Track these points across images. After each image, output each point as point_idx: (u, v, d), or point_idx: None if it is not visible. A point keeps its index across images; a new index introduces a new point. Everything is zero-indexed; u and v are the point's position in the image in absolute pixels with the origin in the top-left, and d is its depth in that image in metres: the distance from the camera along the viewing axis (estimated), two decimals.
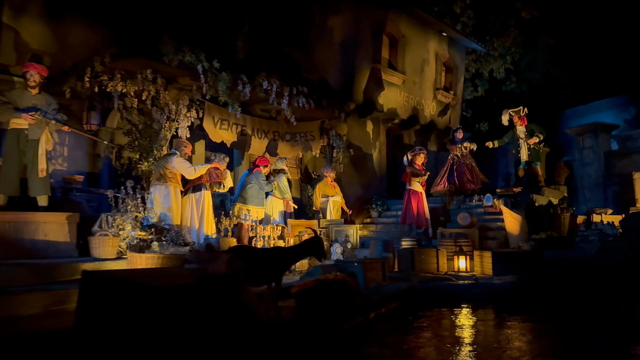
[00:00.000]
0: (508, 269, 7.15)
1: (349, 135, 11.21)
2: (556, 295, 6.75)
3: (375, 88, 11.48)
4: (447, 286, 6.83)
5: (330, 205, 9.41)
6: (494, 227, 9.32)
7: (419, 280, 7.10)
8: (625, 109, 14.51)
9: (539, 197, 10.00)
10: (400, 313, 5.87)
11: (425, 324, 5.41)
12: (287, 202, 8.88)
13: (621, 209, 10.87)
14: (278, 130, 9.77)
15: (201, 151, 10.12)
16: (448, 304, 6.47)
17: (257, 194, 8.22)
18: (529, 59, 17.11)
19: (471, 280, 6.96)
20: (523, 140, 11.11)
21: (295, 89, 9.06)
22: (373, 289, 6.10)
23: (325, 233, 8.72)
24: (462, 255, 7.48)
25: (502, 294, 6.66)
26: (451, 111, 14.11)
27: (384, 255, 7.57)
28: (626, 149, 11.68)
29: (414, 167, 9.48)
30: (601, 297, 6.62)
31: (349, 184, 11.35)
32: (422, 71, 12.88)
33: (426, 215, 9.32)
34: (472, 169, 11.11)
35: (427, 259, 7.67)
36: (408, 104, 12.52)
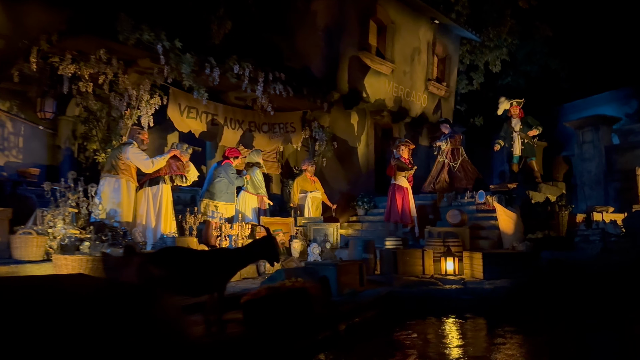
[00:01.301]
0: (501, 272, 6.44)
1: (333, 127, 10.49)
2: (555, 303, 6.03)
3: (361, 77, 10.74)
4: (433, 292, 6.10)
5: (308, 201, 8.68)
6: (487, 225, 8.61)
7: (402, 284, 6.38)
8: (627, 103, 13.82)
9: (536, 194, 9.29)
10: (376, 324, 5.15)
11: (404, 337, 4.69)
12: (262, 198, 8.14)
13: (623, 207, 10.17)
14: (254, 120, 9.03)
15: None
16: (433, 312, 5.75)
17: (226, 188, 7.48)
18: (526, 51, 16.39)
19: (459, 285, 6.24)
20: (517, 133, 10.40)
21: (272, 75, 8.34)
22: (347, 295, 5.37)
23: (302, 232, 7.99)
24: (450, 257, 6.76)
25: (494, 301, 5.93)
26: (444, 104, 13.39)
27: (364, 256, 6.85)
28: (628, 143, 10.98)
29: (399, 160, 8.76)
30: (607, 305, 5.90)
31: (334, 179, 10.62)
32: (413, 60, 12.15)
33: (412, 213, 8.60)
34: (464, 165, 10.41)
35: (411, 261, 6.95)
36: (397, 95, 11.78)
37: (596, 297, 6.32)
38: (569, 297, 6.21)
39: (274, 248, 3.68)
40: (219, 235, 6.59)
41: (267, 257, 3.70)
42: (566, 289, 6.35)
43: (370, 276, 6.78)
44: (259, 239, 3.86)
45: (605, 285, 6.66)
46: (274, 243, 3.71)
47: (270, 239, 3.71)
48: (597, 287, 6.58)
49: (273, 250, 3.68)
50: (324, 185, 10.19)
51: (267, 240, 3.68)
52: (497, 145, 10.52)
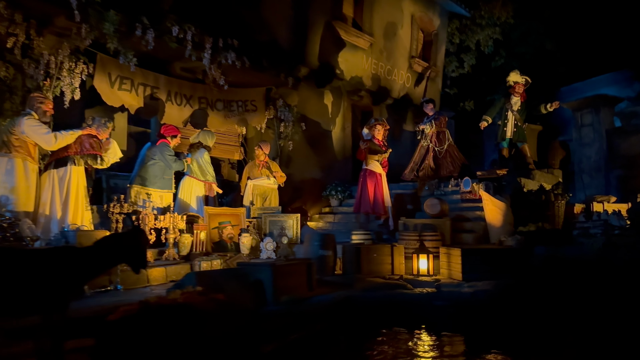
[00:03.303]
0: (484, 272, 5.32)
1: (303, 107, 9.32)
2: (551, 311, 4.90)
3: (334, 50, 9.56)
4: (398, 297, 4.98)
5: (249, 190, 7.52)
6: (472, 217, 7.49)
7: (364, 287, 5.26)
8: (629, 85, 12.67)
9: (529, 182, 8.16)
10: (319, 343, 4.02)
11: None
12: (210, 185, 6.99)
13: (626, 197, 9.05)
14: (206, 96, 7.85)
15: (123, 125, 8.18)
16: (398, 322, 4.64)
17: (161, 173, 6.33)
18: (521, 31, 15.21)
19: (432, 288, 5.12)
20: (513, 113, 9.28)
21: (222, 42, 7.15)
22: (285, 304, 4.24)
23: (256, 225, 6.84)
24: (423, 254, 5.63)
25: (474, 309, 4.80)
26: (430, 85, 12.22)
27: (321, 253, 5.71)
28: (632, 126, 9.86)
29: (372, 142, 7.60)
30: (615, 312, 4.79)
31: (304, 166, 9.47)
32: (395, 35, 10.96)
33: (386, 203, 7.46)
34: (450, 150, 9.28)
35: (379, 259, 5.83)
36: (377, 72, 10.61)
37: (602, 302, 5.21)
38: (568, 303, 5.09)
39: (137, 247, 2.52)
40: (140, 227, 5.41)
41: (128, 259, 2.56)
42: (564, 292, 5.23)
43: (329, 277, 5.66)
44: (115, 234, 2.72)
45: (611, 286, 5.56)
46: (139, 240, 2.55)
47: (133, 233, 2.56)
48: (602, 289, 5.47)
49: (136, 250, 2.52)
50: (292, 172, 9.08)
51: (128, 236, 2.54)
52: (484, 122, 9.40)
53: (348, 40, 9.74)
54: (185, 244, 5.81)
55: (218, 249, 6.34)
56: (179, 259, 5.72)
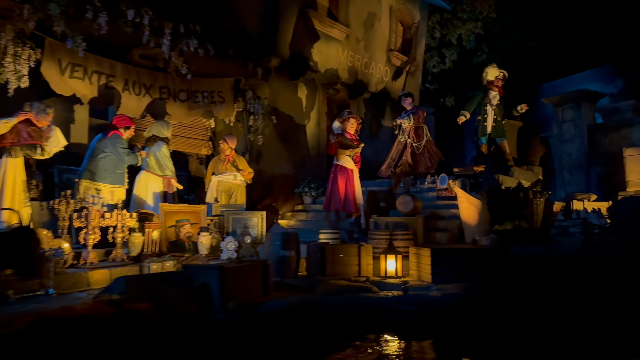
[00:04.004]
0: (455, 274, 4.97)
1: (274, 100, 8.91)
2: (527, 315, 4.57)
3: (308, 41, 9.16)
4: (362, 301, 4.61)
5: (213, 186, 7.09)
6: (447, 215, 7.16)
7: (327, 290, 4.88)
8: (611, 81, 12.47)
9: (507, 179, 7.84)
10: (268, 355, 3.63)
11: None
12: (169, 180, 6.55)
13: (607, 195, 8.82)
14: (168, 86, 7.38)
15: (84, 117, 7.67)
16: (361, 329, 4.28)
17: (112, 167, 5.88)
18: (503, 26, 14.96)
19: (398, 291, 4.76)
20: (493, 108, 8.97)
21: (184, 28, 6.71)
22: (233, 310, 3.84)
23: (217, 223, 6.41)
24: (391, 254, 5.26)
25: (443, 314, 4.46)
26: (409, 79, 11.88)
27: (282, 254, 5.31)
28: (614, 122, 9.62)
29: (343, 136, 7.22)
30: (595, 316, 4.48)
31: (275, 161, 9.06)
32: (372, 27, 10.59)
33: (358, 200, 7.08)
34: (428, 146, 8.93)
35: (345, 259, 5.45)
36: (353, 65, 10.23)
37: (580, 305, 4.91)
38: (545, 306, 4.77)
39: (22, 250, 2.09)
40: (85, 227, 4.96)
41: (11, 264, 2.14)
42: (540, 294, 4.91)
43: (291, 280, 5.27)
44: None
45: (590, 288, 5.26)
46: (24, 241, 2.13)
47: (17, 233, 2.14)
48: (581, 291, 5.17)
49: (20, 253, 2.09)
50: (263, 168, 8.67)
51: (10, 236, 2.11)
52: (462, 117, 9.08)
53: (322, 30, 9.34)
54: (135, 244, 5.37)
55: (174, 249, 5.90)
56: (127, 260, 5.28)
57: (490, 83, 8.86)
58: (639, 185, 8.23)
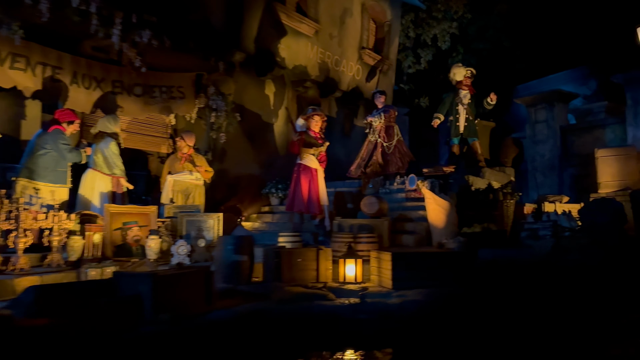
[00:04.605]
0: (417, 279, 4.67)
1: (240, 96, 8.52)
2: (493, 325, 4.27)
3: (275, 35, 8.80)
4: (317, 309, 4.27)
5: (169, 186, 6.69)
6: (415, 217, 6.88)
7: (281, 297, 4.52)
8: (585, 83, 12.43)
9: (477, 180, 7.61)
10: None
11: None
12: (118, 179, 6.12)
13: (580, 196, 8.68)
14: (122, 79, 6.96)
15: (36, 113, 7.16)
16: (315, 341, 3.93)
17: (54, 164, 5.44)
18: (478, 26, 14.85)
19: (356, 299, 4.43)
20: (465, 107, 8.77)
21: (137, 18, 6.30)
22: (166, 322, 3.45)
23: (169, 225, 6.01)
24: (350, 259, 4.93)
25: (403, 323, 4.14)
26: (382, 78, 11.60)
27: (234, 258, 4.94)
28: (587, 122, 9.49)
29: (307, 134, 6.89)
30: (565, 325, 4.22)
31: (241, 161, 8.67)
32: (344, 23, 10.29)
33: (322, 201, 6.76)
34: (399, 146, 8.67)
35: (303, 264, 5.11)
36: (323, 62, 9.91)
37: (550, 313, 4.65)
38: (512, 313, 4.50)
39: None
40: (15, 229, 4.52)
41: None
42: (508, 300, 4.63)
43: (244, 286, 4.90)
44: None
45: (560, 294, 5.02)
46: None
47: None
48: (550, 297, 4.92)
49: None
50: (227, 168, 8.29)
51: None
52: (436, 120, 8.91)
53: (291, 25, 9.00)
54: (74, 248, 4.95)
55: (121, 253, 5.49)
56: (64, 266, 4.85)
57: (459, 83, 8.71)
58: (610, 186, 8.09)
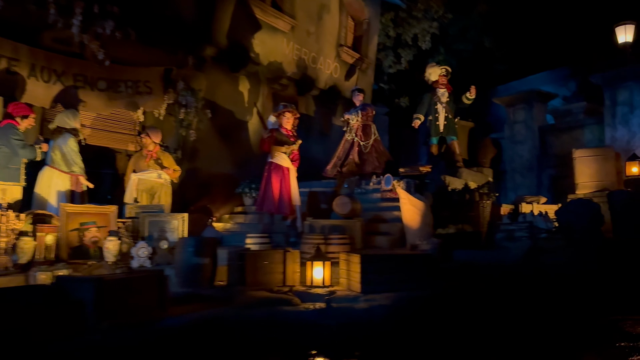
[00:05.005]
0: (386, 283, 4.45)
1: (212, 93, 8.25)
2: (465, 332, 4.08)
3: (249, 30, 8.55)
4: (281, 315, 4.03)
5: (133, 184, 6.40)
6: (390, 217, 6.69)
7: (243, 302, 4.27)
8: (565, 84, 12.39)
9: (454, 180, 7.47)
10: None
11: None
12: (77, 178, 5.80)
13: (558, 198, 8.59)
14: (85, 73, 6.64)
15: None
16: (274, 350, 3.68)
17: (5, 161, 5.12)
18: (459, 27, 14.76)
19: (322, 303, 4.20)
20: (443, 106, 8.65)
21: (98, 8, 6.00)
22: (110, 330, 3.18)
23: (131, 226, 5.70)
24: (318, 261, 4.70)
25: (370, 329, 3.92)
26: (361, 77, 11.42)
27: (195, 261, 4.68)
28: (566, 123, 9.41)
29: (278, 132, 6.65)
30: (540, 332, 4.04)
31: (213, 159, 8.38)
32: (321, 20, 10.08)
33: (293, 201, 6.52)
34: (376, 146, 8.50)
35: (269, 267, 4.86)
36: (300, 59, 9.68)
37: (523, 317, 4.49)
38: (485, 318, 4.31)
39: None
40: None
41: None
42: (481, 305, 4.45)
43: (205, 290, 4.63)
44: None
45: (535, 297, 4.86)
46: None
47: None
48: (524, 301, 4.76)
49: None
50: (198, 167, 8.01)
51: None
52: (417, 121, 8.83)
53: (265, 20, 8.75)
54: (24, 250, 4.63)
55: (78, 256, 5.18)
56: (12, 269, 4.54)
57: (435, 82, 8.62)
58: (588, 187, 8.00)
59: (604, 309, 5.10)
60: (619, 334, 4.09)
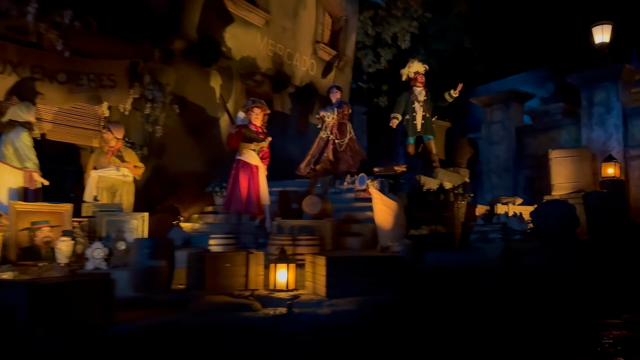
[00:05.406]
0: (353, 286, 4.22)
1: (182, 88, 7.96)
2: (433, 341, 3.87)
3: (220, 24, 8.28)
4: (238, 322, 3.77)
5: (92, 182, 6.09)
6: (363, 218, 6.49)
7: (200, 308, 4.01)
8: (543, 85, 12.39)
9: (429, 180, 7.30)
10: None
11: None
12: (30, 174, 5.47)
13: (534, 199, 8.50)
14: (43, 64, 6.30)
15: None
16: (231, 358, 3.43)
17: None
18: (439, 26, 14.68)
19: (284, 308, 3.96)
20: (421, 104, 8.50)
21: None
22: (41, 341, 2.90)
23: (87, 226, 5.39)
24: (282, 263, 4.46)
25: (331, 338, 3.69)
26: (338, 74, 11.22)
27: (149, 264, 4.40)
28: (543, 123, 9.34)
29: (247, 128, 6.39)
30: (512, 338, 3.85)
31: (182, 157, 8.08)
32: (297, 15, 9.85)
33: (262, 200, 6.26)
34: (351, 145, 8.29)
35: (231, 270, 4.60)
36: (275, 55, 9.43)
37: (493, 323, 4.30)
38: (451, 325, 4.11)
39: None
40: None
41: None
42: (447, 310, 4.25)
43: (161, 295, 4.37)
44: None
45: (505, 301, 4.68)
46: None
47: None
48: (494, 305, 4.58)
49: None
50: (166, 164, 7.71)
51: None
52: (394, 120, 8.66)
53: (237, 13, 8.49)
54: None
55: (28, 257, 4.86)
56: None
57: (413, 80, 8.48)
58: (564, 188, 7.91)
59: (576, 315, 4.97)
60: (594, 339, 3.94)
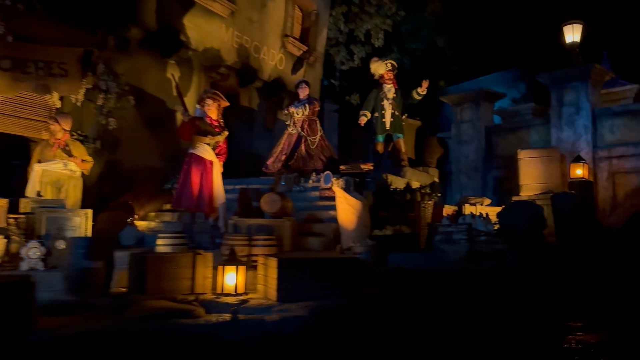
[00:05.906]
0: (307, 290, 3.92)
1: (139, 79, 7.56)
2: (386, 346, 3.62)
3: (181, 12, 7.89)
4: (176, 330, 3.43)
5: (36, 176, 5.67)
6: (326, 217, 6.21)
7: (136, 314, 3.66)
8: (515, 85, 12.36)
9: (396, 179, 7.06)
10: None
11: None
12: None
13: (502, 199, 8.36)
14: None
15: None
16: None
17: None
18: (412, 25, 14.55)
19: (228, 315, 3.63)
20: (390, 102, 8.28)
21: None
22: None
23: (25, 223, 4.96)
24: (230, 265, 4.14)
25: (279, 346, 3.39)
26: (308, 70, 10.92)
27: (84, 265, 4.02)
28: (513, 123, 9.23)
29: (203, 121, 6.03)
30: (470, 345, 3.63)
31: (138, 151, 7.65)
32: (265, 7, 9.51)
33: (216, 198, 5.90)
34: (322, 142, 8.00)
35: (176, 272, 4.25)
36: (241, 47, 9.08)
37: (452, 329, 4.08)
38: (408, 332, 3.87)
39: None
40: None
41: None
42: (404, 316, 4.00)
43: (96, 299, 3.99)
44: None
45: (466, 306, 4.48)
46: None
47: None
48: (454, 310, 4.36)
49: None
50: (121, 159, 7.29)
51: None
52: (363, 118, 8.44)
53: (200, 2, 8.10)
54: None
55: None
56: None
57: (382, 77, 8.26)
58: (532, 189, 7.79)
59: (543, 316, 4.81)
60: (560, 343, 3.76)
